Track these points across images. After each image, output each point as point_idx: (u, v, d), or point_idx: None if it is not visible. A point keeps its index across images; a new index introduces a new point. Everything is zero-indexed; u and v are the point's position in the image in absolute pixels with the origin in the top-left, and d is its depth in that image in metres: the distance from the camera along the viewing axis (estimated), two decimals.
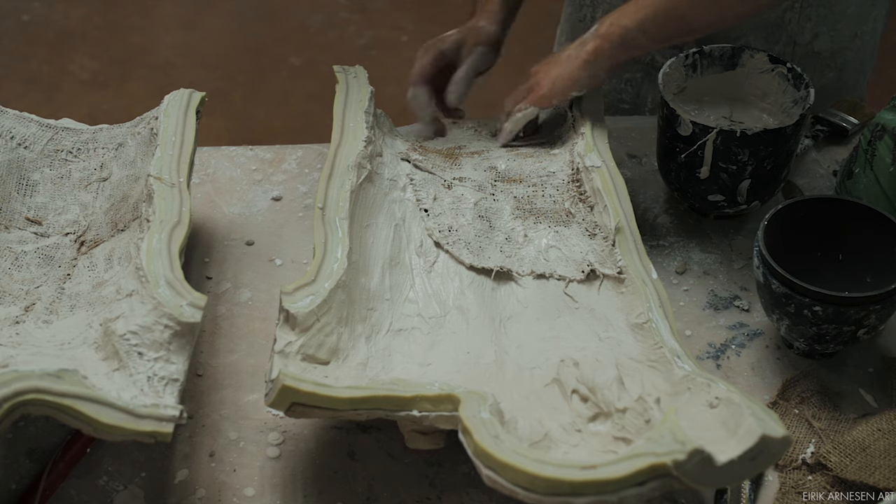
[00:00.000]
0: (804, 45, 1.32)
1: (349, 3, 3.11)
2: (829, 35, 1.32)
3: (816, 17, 1.31)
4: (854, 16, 1.32)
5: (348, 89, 1.16)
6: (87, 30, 3.03)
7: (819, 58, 1.34)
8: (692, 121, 1.13)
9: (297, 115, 2.71)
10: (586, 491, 0.77)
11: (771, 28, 1.30)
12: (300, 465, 0.97)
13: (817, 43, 1.32)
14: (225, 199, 1.26)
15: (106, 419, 0.81)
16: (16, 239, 1.07)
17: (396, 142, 1.18)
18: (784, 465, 0.97)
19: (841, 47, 1.34)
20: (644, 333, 0.98)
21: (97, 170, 1.13)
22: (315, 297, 0.93)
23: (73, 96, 2.79)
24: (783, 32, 1.31)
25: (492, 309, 1.04)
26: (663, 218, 1.23)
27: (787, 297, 0.99)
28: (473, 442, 0.81)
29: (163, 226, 0.96)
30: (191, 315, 0.87)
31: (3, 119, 1.14)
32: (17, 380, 0.80)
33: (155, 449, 0.98)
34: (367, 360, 0.95)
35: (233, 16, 3.09)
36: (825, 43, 1.33)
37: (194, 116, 1.11)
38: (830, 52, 1.34)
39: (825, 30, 1.32)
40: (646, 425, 0.86)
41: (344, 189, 1.03)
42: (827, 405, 1.01)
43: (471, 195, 1.13)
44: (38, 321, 0.97)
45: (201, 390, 1.04)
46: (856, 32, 1.34)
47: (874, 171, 1.17)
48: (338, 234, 0.99)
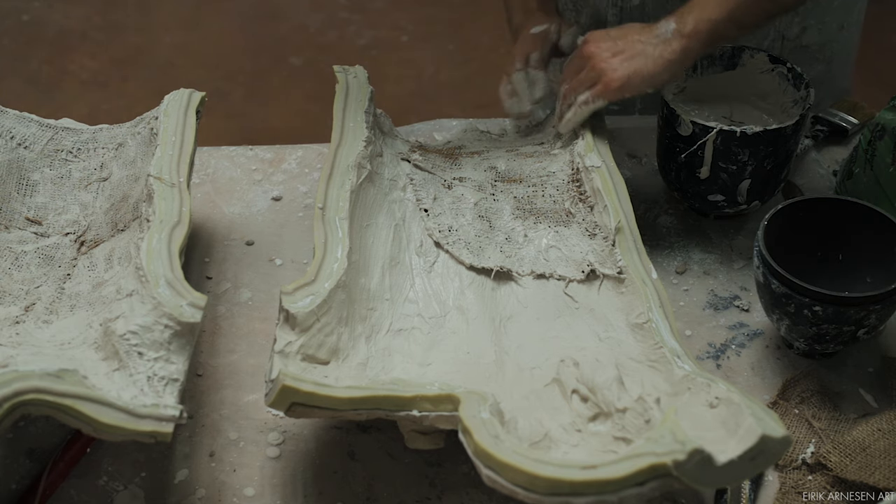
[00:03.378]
0: (793, 39, 1.33)
1: (349, 3, 3.11)
2: (817, 28, 1.33)
3: (804, 11, 1.31)
4: (840, 7, 1.33)
5: (348, 89, 1.16)
6: (87, 30, 3.03)
7: (808, 51, 1.34)
8: (692, 121, 1.13)
9: (297, 115, 2.71)
10: (586, 491, 0.77)
11: None
12: (300, 465, 0.97)
13: (805, 37, 1.33)
14: (225, 199, 1.26)
15: (106, 419, 0.81)
16: (16, 239, 1.07)
17: (396, 142, 1.18)
18: (784, 465, 0.97)
19: (828, 39, 1.35)
20: (644, 333, 0.98)
21: (97, 170, 1.13)
22: (315, 297, 0.93)
23: (73, 96, 2.79)
24: (772, 28, 1.32)
25: (492, 309, 1.04)
26: (663, 218, 1.23)
27: (787, 297, 0.99)
28: (473, 442, 0.81)
29: (163, 226, 0.96)
30: (191, 315, 0.87)
31: (3, 119, 1.14)
32: (17, 380, 0.80)
33: (155, 449, 0.98)
34: (367, 360, 0.95)
35: (233, 16, 3.09)
36: (813, 36, 1.33)
37: (194, 116, 1.11)
38: (819, 44, 1.35)
39: (813, 23, 1.32)
40: (646, 425, 0.86)
41: (344, 189, 1.03)
42: (827, 405, 1.01)
43: (471, 195, 1.13)
44: (38, 321, 0.97)
45: (201, 390, 1.04)
46: (842, 24, 1.35)
47: (874, 171, 1.17)
48: (338, 234, 0.99)
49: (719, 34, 1.10)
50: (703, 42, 1.10)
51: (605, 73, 1.12)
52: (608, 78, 1.12)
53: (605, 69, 1.12)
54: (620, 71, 1.11)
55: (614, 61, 1.12)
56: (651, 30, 1.12)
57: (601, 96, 1.13)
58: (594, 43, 1.14)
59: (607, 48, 1.13)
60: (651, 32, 1.12)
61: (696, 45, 1.10)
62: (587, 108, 1.14)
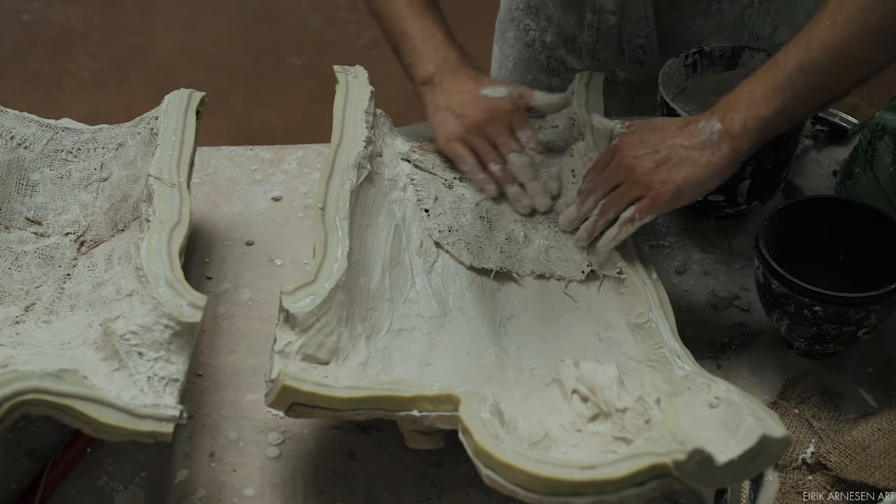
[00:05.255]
0: (766, 38, 1.33)
1: (349, 3, 3.10)
2: (788, 25, 1.34)
3: (775, 10, 1.32)
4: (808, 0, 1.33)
5: (348, 89, 1.16)
6: (87, 30, 3.03)
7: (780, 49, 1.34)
8: None
9: (297, 115, 2.71)
10: (586, 491, 0.77)
11: (732, 27, 1.31)
12: (300, 465, 0.97)
13: (778, 35, 1.34)
14: (225, 199, 1.26)
15: (106, 419, 0.81)
16: (16, 239, 1.07)
17: (396, 142, 1.18)
18: (784, 465, 0.97)
19: None
20: (644, 333, 0.98)
21: (97, 170, 1.13)
22: (315, 297, 0.93)
23: (73, 96, 2.79)
24: (745, 30, 1.32)
25: (492, 309, 1.04)
26: (663, 218, 1.23)
27: (787, 297, 0.99)
28: (473, 442, 0.81)
29: (163, 226, 0.96)
30: (191, 315, 0.87)
31: (3, 119, 1.14)
32: (17, 380, 0.80)
33: (155, 449, 0.98)
34: (367, 360, 0.95)
35: (233, 16, 3.09)
36: (785, 33, 1.34)
37: (194, 116, 1.11)
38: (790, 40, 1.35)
39: (784, 20, 1.33)
40: (646, 425, 0.85)
41: (344, 189, 1.03)
42: (827, 405, 1.01)
43: (471, 195, 1.13)
44: (38, 321, 0.97)
45: (201, 390, 1.04)
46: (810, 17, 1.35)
47: (874, 171, 1.17)
48: (338, 234, 0.99)
49: (770, 131, 1.00)
50: (753, 142, 1.00)
51: (652, 185, 1.01)
52: (656, 192, 1.00)
53: (652, 182, 1.01)
54: (669, 184, 1.00)
55: (660, 172, 1.01)
56: (692, 131, 1.02)
57: (649, 212, 1.01)
58: (629, 150, 1.03)
59: (647, 157, 1.02)
60: (693, 135, 1.01)
61: (747, 146, 1.00)
62: (633, 227, 1.02)
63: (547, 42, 1.37)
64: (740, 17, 1.31)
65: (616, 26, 1.30)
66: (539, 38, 1.38)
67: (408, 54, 1.16)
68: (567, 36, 1.35)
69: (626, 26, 1.30)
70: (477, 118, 1.11)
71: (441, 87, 1.14)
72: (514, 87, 1.15)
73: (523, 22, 1.39)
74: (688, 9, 1.29)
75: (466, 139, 1.11)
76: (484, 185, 1.11)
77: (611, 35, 1.31)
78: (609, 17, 1.30)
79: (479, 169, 1.11)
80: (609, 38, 1.32)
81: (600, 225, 1.05)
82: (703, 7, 1.29)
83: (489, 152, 1.11)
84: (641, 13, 1.28)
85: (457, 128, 1.11)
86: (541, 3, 1.36)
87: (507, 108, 1.12)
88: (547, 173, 1.11)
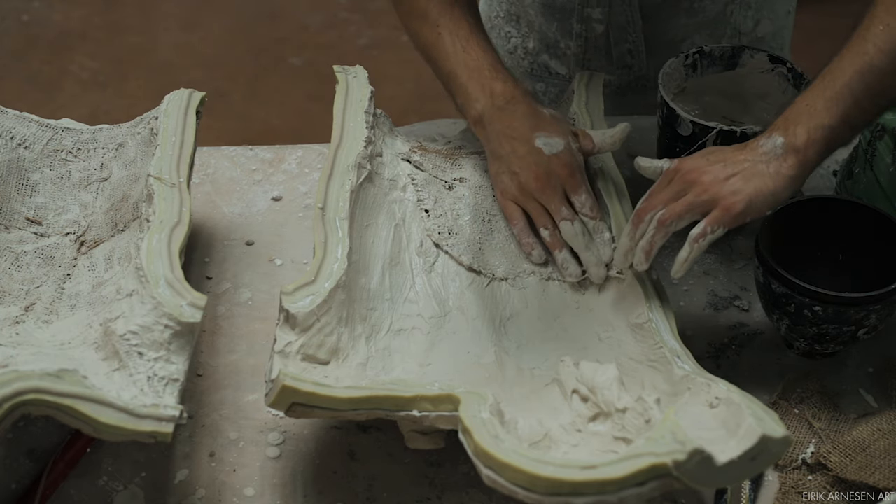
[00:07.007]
0: (748, 33, 1.34)
1: (349, 3, 3.10)
2: (769, 18, 1.35)
3: (756, 4, 1.33)
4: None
5: (348, 89, 1.16)
6: (87, 30, 3.03)
7: (763, 42, 1.36)
8: (692, 120, 1.13)
9: (297, 115, 2.71)
10: (586, 491, 0.77)
11: (714, 23, 1.32)
12: (300, 465, 0.97)
13: (760, 28, 1.35)
14: (225, 199, 1.26)
15: (106, 419, 0.81)
16: (16, 239, 1.07)
17: (396, 142, 1.18)
18: (784, 465, 0.97)
19: (780, 27, 1.37)
20: (644, 333, 0.98)
21: (97, 170, 1.13)
22: (315, 297, 0.93)
23: (73, 96, 2.79)
24: (727, 25, 1.33)
25: (492, 309, 1.04)
26: None
27: (787, 297, 0.99)
28: (473, 442, 0.81)
29: (163, 226, 0.96)
30: (191, 315, 0.87)
31: (3, 119, 1.14)
32: (17, 380, 0.80)
33: (155, 449, 0.98)
34: (367, 360, 0.95)
35: (233, 16, 3.09)
36: (767, 27, 1.35)
37: (194, 116, 1.11)
38: (772, 33, 1.37)
39: (765, 14, 1.34)
40: (646, 425, 0.85)
41: (344, 189, 1.03)
42: (827, 405, 1.01)
43: (471, 196, 1.13)
44: (38, 321, 0.97)
45: (201, 390, 1.04)
46: (788, 10, 1.38)
47: (874, 171, 1.17)
48: (338, 234, 0.99)
49: (835, 141, 0.99)
50: (820, 153, 0.98)
51: (722, 196, 0.97)
52: (727, 202, 0.96)
53: (721, 192, 0.97)
54: (741, 194, 0.96)
55: (730, 183, 0.97)
56: (753, 148, 1.00)
57: (720, 223, 0.97)
58: (693, 167, 1.00)
59: (714, 169, 0.99)
60: (755, 151, 0.99)
61: (814, 157, 0.98)
62: (704, 243, 0.98)
63: (529, 48, 1.37)
64: (722, 13, 1.31)
65: (604, 34, 1.31)
66: (521, 45, 1.38)
67: (457, 94, 1.14)
68: (549, 42, 1.35)
69: (614, 33, 1.30)
70: (531, 183, 1.07)
71: (493, 129, 1.10)
72: (570, 136, 1.09)
73: (504, 29, 1.39)
74: (671, 8, 1.29)
75: (519, 199, 1.08)
76: (530, 249, 1.08)
77: (599, 43, 1.32)
78: (597, 25, 1.30)
79: (528, 232, 1.08)
80: (598, 47, 1.32)
81: (658, 239, 0.99)
82: (686, 6, 1.29)
83: (541, 216, 1.07)
84: (628, 19, 1.29)
85: (511, 186, 1.08)
86: (521, 10, 1.36)
87: (561, 173, 1.06)
88: (601, 238, 1.06)
